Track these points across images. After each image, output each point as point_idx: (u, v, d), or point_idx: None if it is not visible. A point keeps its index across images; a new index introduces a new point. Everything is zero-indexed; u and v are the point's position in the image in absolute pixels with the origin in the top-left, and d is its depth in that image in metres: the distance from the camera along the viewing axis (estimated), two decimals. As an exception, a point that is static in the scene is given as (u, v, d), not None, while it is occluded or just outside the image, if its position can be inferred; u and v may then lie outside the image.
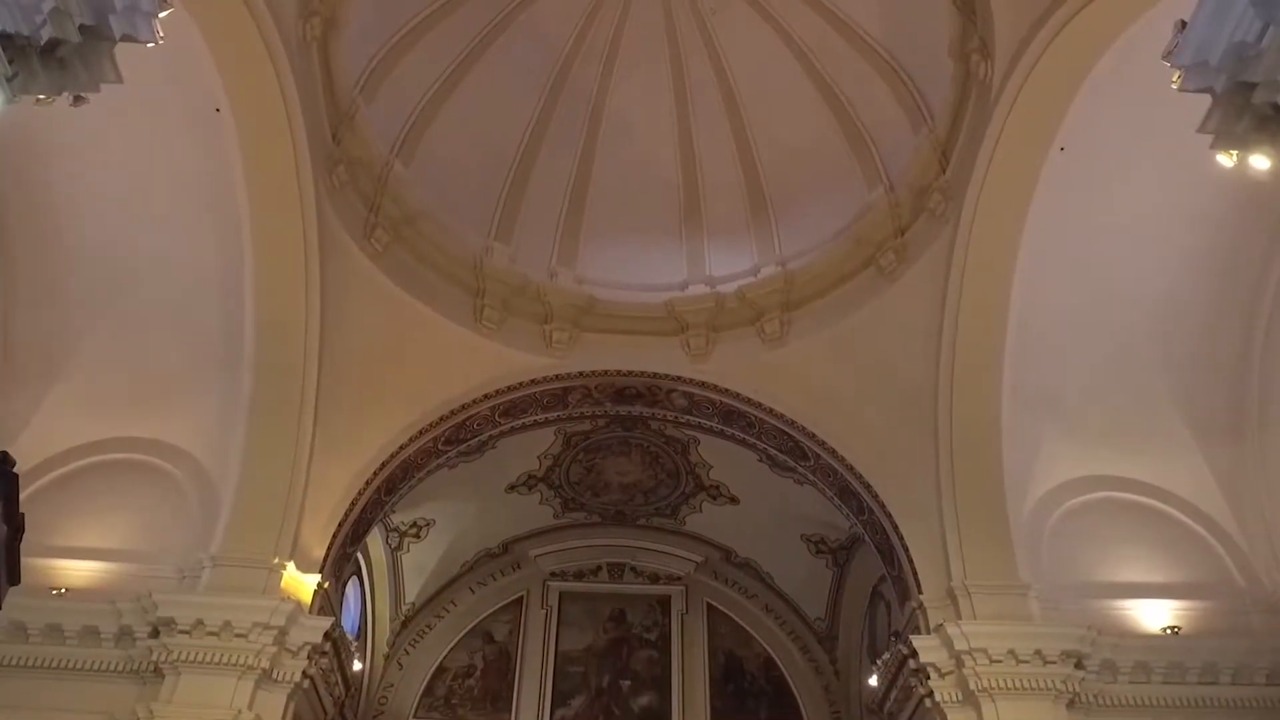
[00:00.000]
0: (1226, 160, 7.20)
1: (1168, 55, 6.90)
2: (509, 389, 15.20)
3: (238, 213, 12.52)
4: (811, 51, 15.61)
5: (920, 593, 13.26)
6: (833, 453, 14.70)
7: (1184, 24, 6.78)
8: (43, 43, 6.05)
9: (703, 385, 15.50)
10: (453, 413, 14.85)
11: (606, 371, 15.59)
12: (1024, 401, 13.61)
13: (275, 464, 13.16)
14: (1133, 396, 13.67)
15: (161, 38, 6.75)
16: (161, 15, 6.69)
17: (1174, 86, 6.98)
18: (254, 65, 11.33)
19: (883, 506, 14.16)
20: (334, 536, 13.51)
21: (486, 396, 15.08)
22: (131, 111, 11.44)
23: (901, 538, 13.81)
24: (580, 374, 15.55)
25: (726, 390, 15.38)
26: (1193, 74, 6.73)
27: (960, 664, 12.19)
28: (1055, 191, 12.40)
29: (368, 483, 14.04)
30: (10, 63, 6.07)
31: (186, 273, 12.97)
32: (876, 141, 15.33)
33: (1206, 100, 7.28)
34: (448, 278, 15.20)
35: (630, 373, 15.63)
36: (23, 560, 11.54)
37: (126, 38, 6.55)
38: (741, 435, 15.84)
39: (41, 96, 6.67)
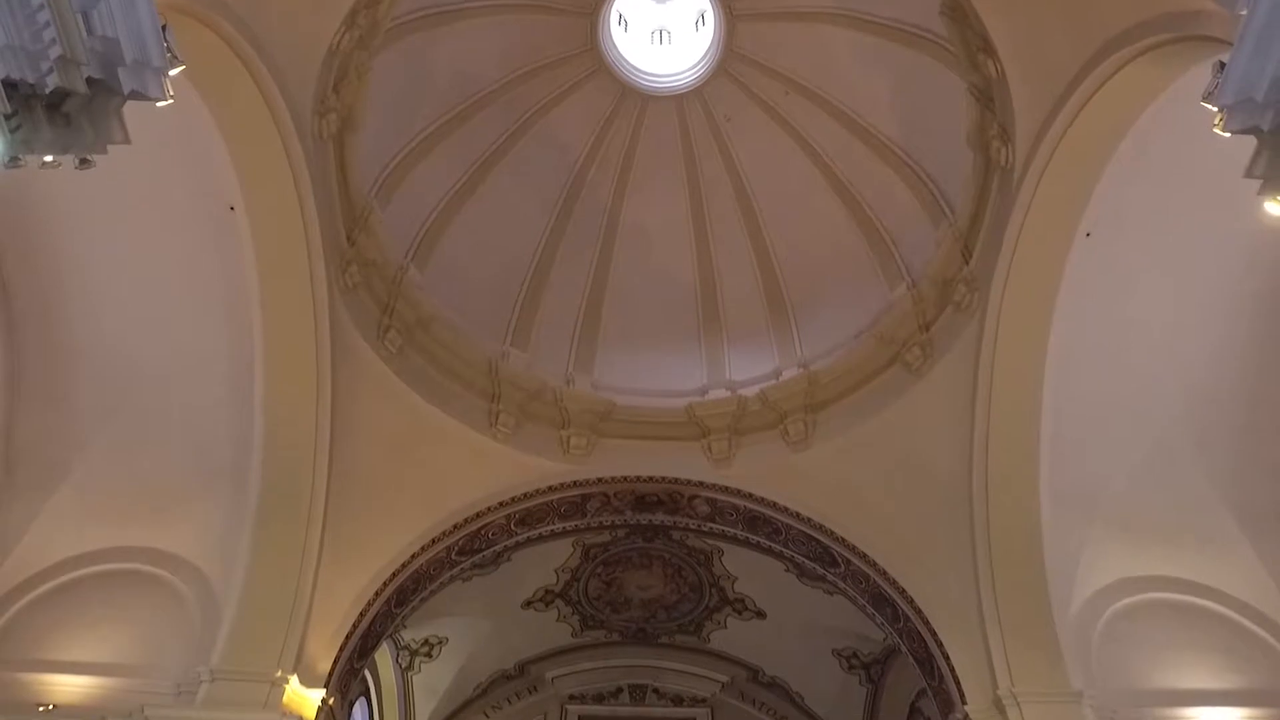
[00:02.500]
0: (1276, 208, 6.88)
1: (1208, 96, 6.67)
2: (525, 496, 14.70)
3: (249, 311, 12.31)
4: (827, 154, 15.70)
5: (965, 704, 12.55)
6: (864, 557, 14.08)
7: (1222, 65, 6.58)
8: (48, 91, 5.89)
9: (725, 490, 15.00)
10: (466, 520, 14.32)
11: (626, 478, 15.13)
12: (1063, 498, 13.08)
13: (281, 572, 12.63)
14: (1176, 493, 13.10)
15: (171, 96, 6.60)
16: (172, 73, 6.55)
17: (1216, 129, 6.71)
18: (270, 161, 11.23)
19: (919, 613, 13.46)
20: (341, 649, 12.84)
21: (502, 504, 14.57)
22: (146, 209, 11.50)
23: (941, 645, 13.09)
24: (599, 480, 15.07)
25: (750, 495, 14.86)
26: (1236, 113, 6.47)
27: (1013, 779, 11.33)
28: (1083, 279, 12.14)
29: (377, 593, 13.44)
30: (14, 114, 5.89)
31: (195, 374, 12.66)
32: (896, 239, 15.24)
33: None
34: (462, 382, 14.90)
35: (651, 479, 15.15)
36: (9, 675, 11.05)
37: (135, 94, 6.41)
38: (767, 543, 15.21)
39: (48, 159, 6.49)
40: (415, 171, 14.76)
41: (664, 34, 16.92)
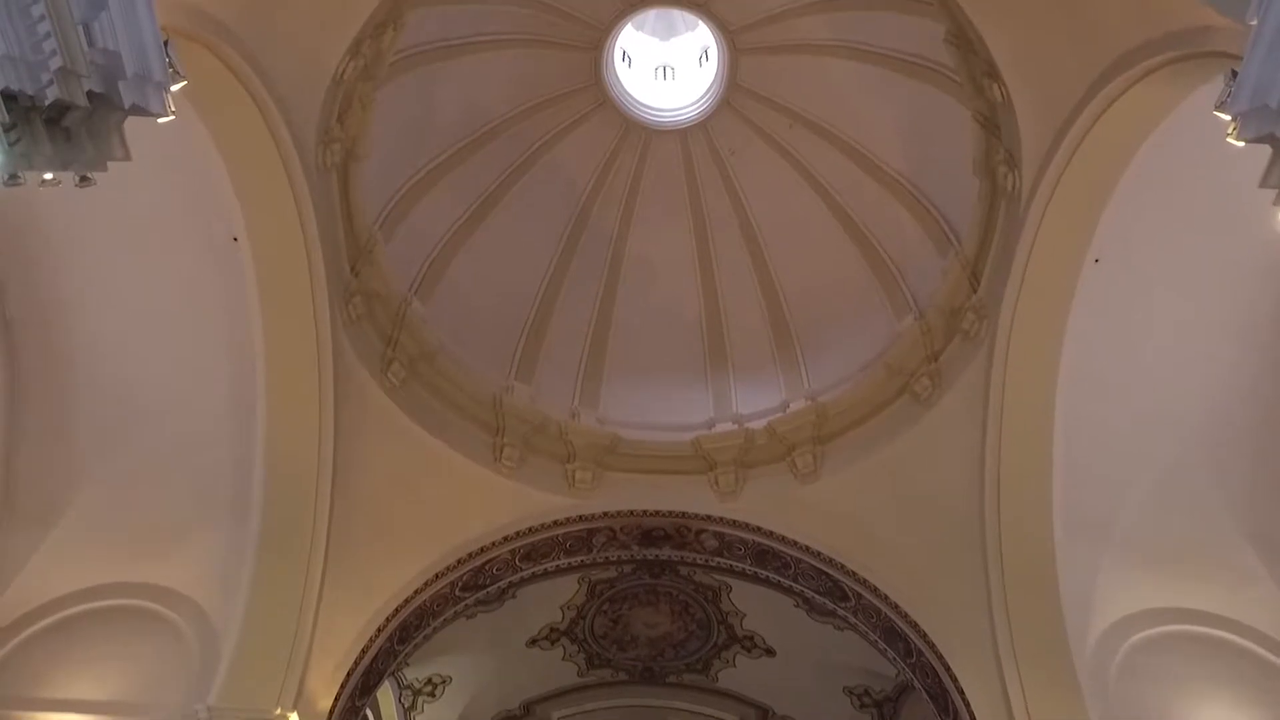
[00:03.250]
0: (1291, 219, 6.78)
1: (1221, 105, 6.59)
2: (530, 531, 14.51)
3: (251, 342, 12.19)
4: (832, 186, 15.68)
5: (981, 740, 12.16)
6: (875, 591, 13.83)
7: (1235, 73, 6.50)
8: (48, 104, 5.82)
9: (733, 524, 14.79)
10: (471, 555, 14.13)
11: (632, 512, 14.93)
12: (1076, 528, 12.82)
13: (282, 608, 12.40)
14: (1192, 522, 12.80)
15: (172, 112, 6.54)
16: (174, 88, 6.50)
17: (1229, 139, 6.62)
18: (272, 189, 11.15)
19: (933, 647, 13.19)
20: (342, 686, 12.61)
21: (506, 539, 14.38)
22: (147, 239, 11.45)
23: (955, 680, 12.81)
24: (605, 514, 14.88)
25: (759, 529, 14.65)
26: (1250, 121, 6.37)
27: (1033, 818, 11.00)
28: (1093, 305, 11.99)
29: (380, 629, 13.22)
30: (13, 127, 5.82)
31: (197, 406, 12.50)
32: (902, 269, 15.16)
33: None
34: (466, 416, 14.74)
35: (657, 513, 14.96)
36: (5, 714, 10.81)
37: (136, 109, 6.34)
38: (776, 578, 14.96)
39: (48, 176, 6.43)
40: (420, 204, 14.73)
41: (668, 70, 16.99)
